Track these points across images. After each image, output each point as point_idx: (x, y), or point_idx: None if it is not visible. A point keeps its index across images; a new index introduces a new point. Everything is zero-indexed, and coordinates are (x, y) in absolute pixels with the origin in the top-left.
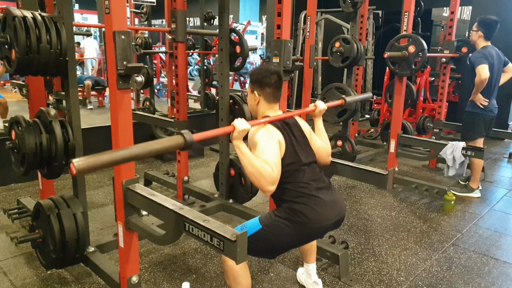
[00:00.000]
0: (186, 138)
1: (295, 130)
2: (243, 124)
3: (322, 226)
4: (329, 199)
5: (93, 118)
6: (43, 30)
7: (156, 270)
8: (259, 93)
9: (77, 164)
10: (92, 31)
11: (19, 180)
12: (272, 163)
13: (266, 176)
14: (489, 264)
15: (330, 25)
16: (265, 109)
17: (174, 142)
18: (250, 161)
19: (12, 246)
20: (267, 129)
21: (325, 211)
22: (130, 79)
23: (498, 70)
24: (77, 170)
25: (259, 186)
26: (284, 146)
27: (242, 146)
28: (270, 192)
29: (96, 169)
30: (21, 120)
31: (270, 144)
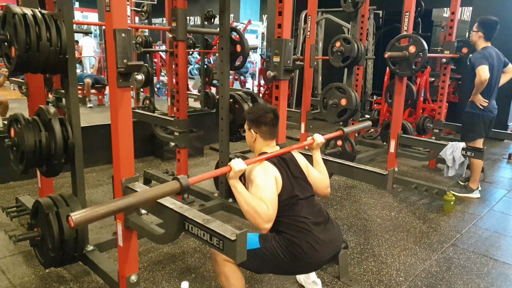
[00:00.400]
0: (182, 183)
1: (291, 165)
2: (239, 165)
3: (317, 261)
4: (327, 238)
5: (92, 116)
6: (43, 28)
7: (155, 269)
8: (255, 131)
9: (75, 217)
10: (92, 29)
11: (18, 178)
12: (268, 201)
13: (262, 214)
14: (489, 264)
15: (331, 25)
16: (262, 145)
17: (170, 188)
18: (246, 200)
19: (11, 244)
20: (263, 166)
21: (323, 249)
22: (130, 77)
23: (498, 71)
24: (75, 223)
25: (255, 224)
26: (281, 182)
27: (238, 185)
28: (266, 229)
29: (93, 221)
30: (20, 118)
31: (266, 182)
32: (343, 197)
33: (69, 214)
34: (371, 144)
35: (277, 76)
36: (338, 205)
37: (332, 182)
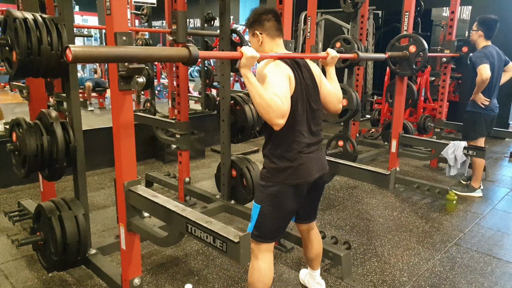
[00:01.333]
0: (192, 52)
1: (304, 72)
2: (251, 51)
3: (307, 180)
4: (315, 156)
5: (94, 119)
6: (44, 32)
7: (158, 272)
8: (260, 32)
9: (74, 49)
10: (93, 33)
11: (20, 182)
12: (282, 96)
13: (275, 108)
14: (492, 263)
15: (331, 26)
16: (270, 46)
17: (179, 53)
18: (258, 92)
19: (13, 248)
20: (277, 63)
21: (310, 167)
22: (132, 81)
23: (499, 69)
24: (73, 55)
25: (267, 118)
26: (294, 83)
27: (250, 75)
28: (279, 125)
29: (92, 60)
30: (22, 122)
31: (280, 79)
32: (345, 198)
33: (67, 45)
34: (373, 144)
35: None
36: (340, 205)
37: (333, 183)
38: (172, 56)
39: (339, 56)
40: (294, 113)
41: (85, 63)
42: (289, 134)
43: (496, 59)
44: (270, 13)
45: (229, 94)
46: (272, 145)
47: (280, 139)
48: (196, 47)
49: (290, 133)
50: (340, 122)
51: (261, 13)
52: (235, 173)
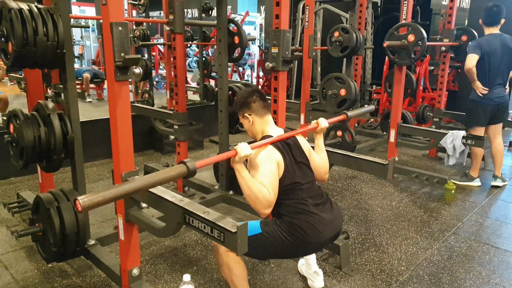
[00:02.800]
0: (189, 167)
1: (295, 150)
2: (245, 150)
3: (319, 241)
4: (327, 217)
5: (91, 111)
6: (39, 22)
7: (157, 262)
8: (249, 113)
9: (83, 201)
10: (90, 23)
11: (19, 174)
12: (269, 186)
13: (262, 199)
14: (490, 252)
15: (329, 15)
16: (262, 126)
17: (177, 172)
18: (248, 185)
19: (13, 239)
20: (267, 151)
21: (324, 228)
22: (128, 71)
23: (501, 58)
24: (82, 207)
25: (255, 208)
26: (283, 167)
27: (242, 170)
28: (265, 214)
29: (100, 205)
30: (19, 114)
31: (268, 167)
32: (343, 188)
33: (76, 198)
34: (371, 134)
35: (276, 67)
36: (339, 195)
37: (332, 173)
38: (173, 176)
39: (327, 125)
40: (293, 189)
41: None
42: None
43: (496, 48)
44: (254, 94)
45: (227, 84)
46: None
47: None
48: (193, 161)
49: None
50: (339, 112)
51: (246, 96)
52: None
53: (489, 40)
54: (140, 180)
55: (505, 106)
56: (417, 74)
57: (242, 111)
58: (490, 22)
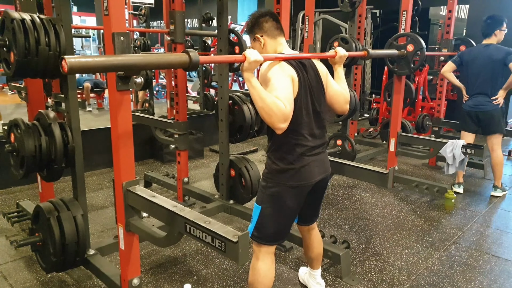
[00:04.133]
0: (192, 57)
1: (310, 72)
2: (255, 55)
3: (309, 182)
4: (317, 158)
5: (92, 120)
6: (41, 32)
7: (157, 272)
8: (261, 34)
9: (69, 60)
10: (91, 33)
11: (19, 183)
12: (285, 99)
13: (278, 112)
14: (491, 262)
15: (328, 25)
16: (273, 46)
17: (179, 59)
18: (260, 96)
19: (12, 249)
20: (280, 65)
21: (312, 169)
22: (130, 81)
23: (480, 68)
24: (69, 66)
25: (270, 122)
26: (297, 85)
27: (253, 79)
28: (281, 129)
29: (88, 70)
30: (20, 123)
31: (283, 82)
32: (344, 197)
33: (63, 57)
34: (371, 143)
35: None
36: (339, 204)
37: (332, 182)
38: (172, 63)
39: (348, 54)
40: (297, 116)
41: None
42: (291, 136)
43: (479, 58)
44: (267, 15)
45: (227, 94)
46: (274, 146)
47: (282, 141)
48: (196, 52)
49: (292, 135)
50: (339, 122)
51: (258, 16)
52: (233, 173)
53: (472, 50)
54: (135, 56)
55: (491, 116)
56: (416, 84)
57: (253, 32)
58: (483, 33)
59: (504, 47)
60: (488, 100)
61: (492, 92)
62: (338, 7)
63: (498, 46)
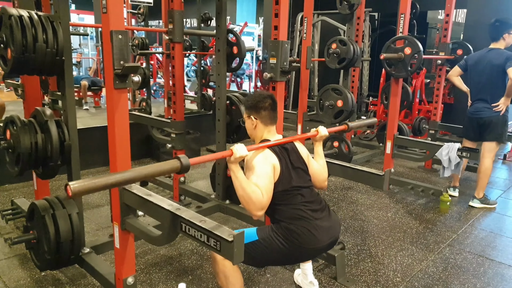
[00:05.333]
0: (183, 162)
1: (292, 155)
2: (241, 151)
3: (315, 248)
4: (324, 224)
5: (89, 118)
6: (39, 29)
7: (152, 271)
8: (255, 117)
9: (73, 187)
10: (89, 31)
11: (14, 181)
12: (263, 188)
13: (256, 201)
14: (485, 264)
15: (327, 27)
16: (262, 132)
17: (171, 166)
18: (242, 186)
19: (6, 247)
20: (264, 154)
21: (320, 235)
22: (127, 79)
23: (481, 73)
24: (73, 192)
25: (248, 209)
26: (279, 170)
27: (237, 171)
28: (258, 216)
29: (91, 192)
30: (16, 120)
31: (264, 170)
32: (339, 198)
33: (67, 183)
34: (368, 145)
35: (274, 77)
36: (335, 206)
37: (328, 183)
38: (166, 170)
39: (327, 134)
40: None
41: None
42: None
43: (480, 62)
44: (267, 102)
45: (225, 94)
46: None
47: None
48: (187, 157)
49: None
50: (336, 123)
51: (259, 100)
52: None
53: (476, 55)
54: (132, 171)
55: (488, 123)
56: (413, 87)
57: (249, 111)
58: (490, 36)
59: (506, 52)
60: (487, 107)
61: (492, 99)
62: (337, 9)
63: (500, 51)
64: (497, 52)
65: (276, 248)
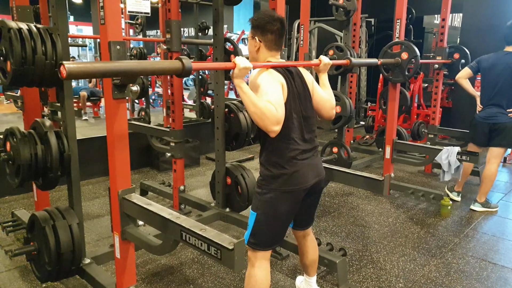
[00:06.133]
0: (185, 64)
1: (296, 80)
2: (244, 62)
3: (302, 187)
4: (310, 163)
5: (88, 129)
6: (38, 42)
7: (153, 281)
8: (260, 39)
9: (68, 66)
10: (87, 42)
11: (14, 192)
12: (275, 102)
13: (270, 115)
14: (488, 268)
15: (323, 34)
16: (265, 56)
17: (172, 66)
18: (252, 101)
19: (7, 259)
20: (270, 72)
21: (305, 174)
22: (126, 89)
23: (497, 77)
24: (67, 71)
25: (262, 126)
26: (286, 91)
27: (243, 85)
28: (275, 132)
29: (86, 76)
30: (16, 132)
31: (273, 87)
32: (340, 204)
33: (61, 62)
34: (367, 150)
35: None
36: (336, 212)
37: (328, 189)
38: (166, 69)
39: (332, 62)
40: (287, 121)
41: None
42: (282, 141)
43: (496, 66)
44: (275, 25)
45: (223, 102)
46: (266, 152)
47: (274, 147)
48: (189, 59)
49: (283, 140)
50: (335, 129)
51: (268, 21)
52: (230, 180)
53: (491, 57)
54: (132, 63)
55: (502, 129)
56: (411, 91)
57: (254, 31)
58: (506, 40)
59: None
60: (502, 112)
61: (508, 104)
62: (333, 16)
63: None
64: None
65: (272, 205)
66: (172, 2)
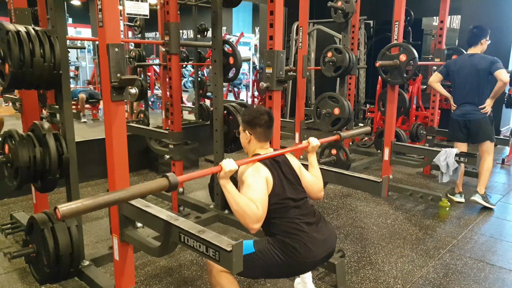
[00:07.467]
0: (171, 181)
1: (284, 168)
2: (230, 165)
3: (312, 261)
4: (320, 237)
5: (87, 131)
6: (36, 44)
7: (152, 283)
8: (250, 133)
9: (62, 209)
10: (86, 45)
11: (12, 195)
12: (258, 201)
13: (251, 214)
14: (485, 269)
15: (322, 36)
16: (255, 147)
17: (159, 185)
18: (235, 200)
19: (5, 261)
20: (255, 167)
21: (316, 248)
22: (124, 91)
23: (466, 77)
24: (62, 215)
25: (244, 223)
26: (272, 183)
27: (228, 185)
28: (254, 230)
29: (80, 214)
30: (14, 134)
31: (257, 183)
32: (339, 206)
33: (56, 206)
34: (366, 152)
35: (270, 87)
36: (334, 213)
37: (327, 191)
38: (154, 189)
39: (319, 143)
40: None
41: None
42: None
43: (464, 67)
44: (263, 119)
45: (222, 104)
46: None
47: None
48: (174, 175)
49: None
50: (333, 131)
51: (255, 116)
52: None
53: (457, 60)
54: (121, 191)
55: (478, 125)
56: (410, 93)
57: (244, 126)
58: (469, 42)
59: (488, 56)
60: (476, 109)
61: (479, 101)
62: (332, 18)
63: (482, 55)
64: (479, 57)
65: (273, 261)
66: (170, 4)
